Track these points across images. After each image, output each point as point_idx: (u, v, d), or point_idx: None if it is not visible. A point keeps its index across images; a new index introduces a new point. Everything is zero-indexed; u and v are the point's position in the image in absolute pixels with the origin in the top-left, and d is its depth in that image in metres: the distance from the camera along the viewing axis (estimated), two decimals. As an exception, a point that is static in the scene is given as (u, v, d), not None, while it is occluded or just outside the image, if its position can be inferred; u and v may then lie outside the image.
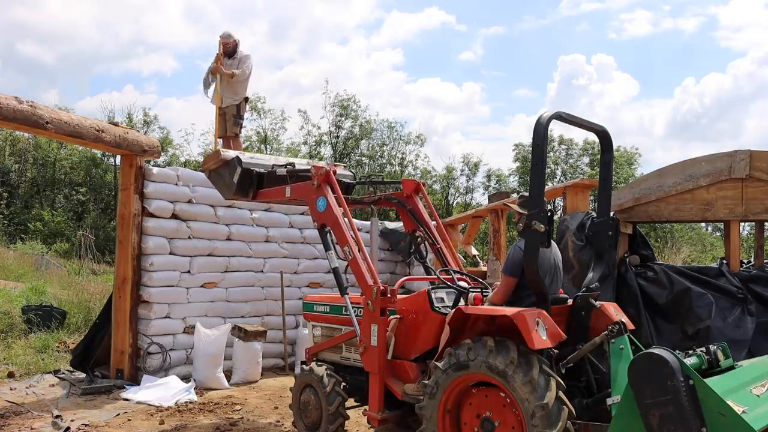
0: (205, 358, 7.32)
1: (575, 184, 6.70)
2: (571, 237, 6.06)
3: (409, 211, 6.18)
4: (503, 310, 4.00)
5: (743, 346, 5.26)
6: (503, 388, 3.84)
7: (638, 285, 5.82)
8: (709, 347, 3.71)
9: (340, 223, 5.15)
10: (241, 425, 5.86)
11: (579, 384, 4.26)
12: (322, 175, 5.31)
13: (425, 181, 6.73)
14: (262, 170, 6.00)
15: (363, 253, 5.05)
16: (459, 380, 4.06)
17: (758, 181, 5.61)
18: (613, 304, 4.60)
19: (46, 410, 6.09)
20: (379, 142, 36.17)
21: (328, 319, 5.69)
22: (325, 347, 5.62)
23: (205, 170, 6.53)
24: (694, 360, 3.52)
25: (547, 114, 4.11)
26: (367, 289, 4.87)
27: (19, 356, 8.33)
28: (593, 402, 4.14)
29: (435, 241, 6.01)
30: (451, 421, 4.18)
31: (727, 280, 5.57)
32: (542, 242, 3.97)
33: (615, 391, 3.64)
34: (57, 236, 27.71)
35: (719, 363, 3.62)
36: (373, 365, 4.82)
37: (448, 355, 4.09)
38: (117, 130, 7.19)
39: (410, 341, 4.81)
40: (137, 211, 7.41)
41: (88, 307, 10.57)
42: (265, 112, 34.87)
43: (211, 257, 8.05)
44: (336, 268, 5.21)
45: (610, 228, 4.52)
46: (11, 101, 5.96)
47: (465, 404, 4.16)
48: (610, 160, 4.66)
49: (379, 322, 4.78)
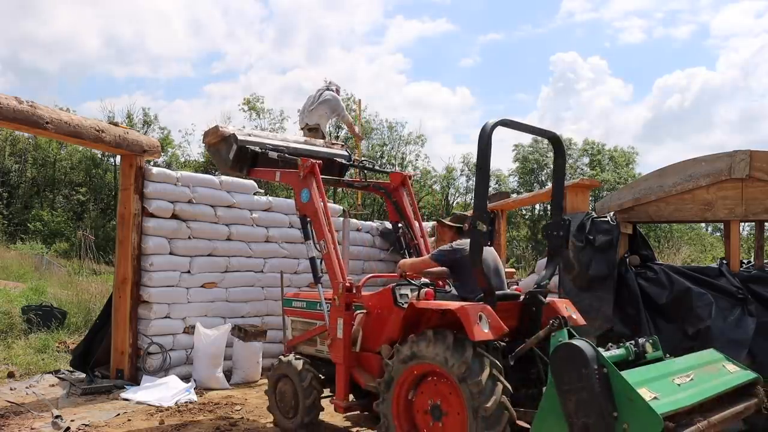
0: (205, 358, 7.32)
1: (575, 184, 6.69)
2: (571, 237, 6.06)
3: (394, 202, 6.53)
4: (449, 304, 4.26)
5: (743, 346, 5.25)
6: (447, 376, 4.12)
7: (638, 285, 5.81)
8: (638, 340, 4.02)
9: (319, 216, 5.41)
10: (241, 425, 5.86)
11: (530, 375, 4.49)
12: (308, 167, 5.54)
13: (410, 172, 6.93)
14: (257, 149, 6.16)
15: (336, 250, 5.31)
16: (409, 370, 4.35)
17: (758, 181, 5.61)
18: (564, 301, 4.89)
19: (46, 410, 6.09)
20: (380, 142, 36.17)
21: (305, 314, 5.97)
22: (301, 340, 5.90)
23: (205, 144, 6.70)
24: (621, 351, 3.83)
25: (492, 121, 4.34)
26: (334, 285, 5.19)
27: (19, 356, 8.33)
28: (538, 391, 4.30)
29: (414, 236, 6.29)
30: (405, 408, 4.45)
31: (727, 280, 5.56)
32: (485, 241, 4.28)
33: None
34: (57, 236, 27.72)
35: (645, 355, 3.94)
36: (339, 356, 5.12)
37: (398, 347, 4.42)
38: (117, 130, 7.19)
39: (376, 335, 5.07)
40: (137, 211, 7.41)
41: (88, 307, 10.57)
42: (264, 112, 34.90)
43: (211, 257, 8.04)
44: (313, 257, 5.56)
45: (561, 229, 4.74)
46: (11, 101, 5.97)
47: (418, 393, 4.43)
48: (562, 164, 4.93)
49: (345, 316, 5.09)
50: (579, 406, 3.34)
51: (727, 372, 4.13)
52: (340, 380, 5.13)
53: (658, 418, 3.11)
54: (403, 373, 4.37)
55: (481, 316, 4.07)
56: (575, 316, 4.71)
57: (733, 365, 4.28)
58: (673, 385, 3.55)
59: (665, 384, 3.53)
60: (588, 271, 5.93)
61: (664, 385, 3.51)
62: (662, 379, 3.57)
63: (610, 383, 3.33)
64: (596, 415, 3.28)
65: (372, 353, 5.07)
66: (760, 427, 5.28)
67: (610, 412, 3.27)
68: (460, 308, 4.07)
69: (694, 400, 3.49)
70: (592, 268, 5.92)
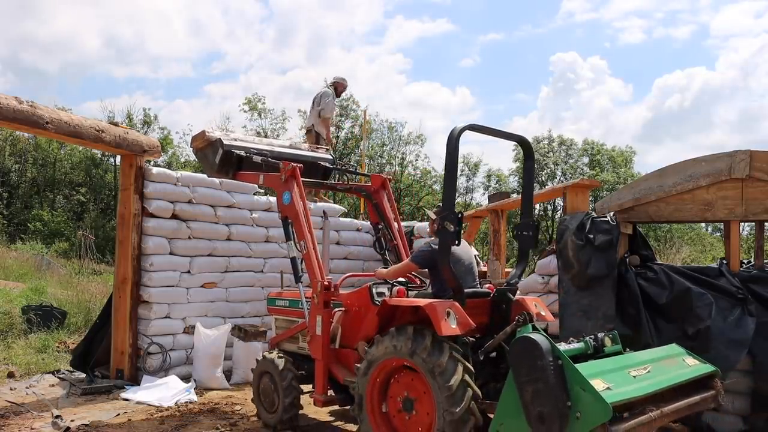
0: (205, 358, 7.32)
1: (575, 184, 6.69)
2: (571, 237, 6.05)
3: (374, 204, 6.75)
4: (419, 301, 4.44)
5: (743, 346, 5.24)
6: (419, 370, 4.28)
7: (638, 285, 5.80)
8: (597, 335, 4.21)
9: (300, 218, 5.61)
10: (241, 425, 5.86)
11: (500, 370, 4.62)
12: (289, 171, 5.75)
13: (390, 175, 7.09)
14: (242, 153, 6.39)
15: (315, 250, 5.51)
16: (383, 364, 4.54)
17: (758, 181, 5.60)
18: (534, 299, 5.14)
19: (46, 410, 6.09)
20: (379, 142, 36.15)
21: (288, 312, 6.17)
22: (284, 337, 6.07)
23: (192, 148, 6.92)
24: (579, 345, 4.04)
25: (460, 126, 4.58)
26: (313, 284, 5.40)
27: (19, 356, 8.33)
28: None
29: (393, 237, 6.53)
30: (379, 401, 4.63)
31: (727, 280, 5.55)
32: (453, 240, 4.45)
33: None
34: (57, 236, 27.68)
35: (604, 349, 4.14)
36: (318, 352, 5.33)
37: (375, 342, 4.61)
38: (117, 130, 7.19)
39: (354, 331, 5.25)
40: (137, 211, 7.41)
41: (88, 307, 10.57)
42: (266, 112, 34.88)
43: (211, 257, 8.05)
44: (294, 257, 5.75)
45: (530, 229, 4.97)
46: (11, 101, 5.97)
47: (392, 386, 4.62)
48: (531, 166, 5.12)
49: (323, 314, 5.30)
50: (535, 396, 3.50)
51: (686, 365, 4.28)
52: (319, 375, 5.33)
53: (608, 406, 3.25)
54: (378, 365, 4.55)
55: (449, 312, 4.25)
56: (544, 312, 4.97)
57: (693, 359, 4.42)
58: (628, 377, 3.71)
59: (621, 376, 3.68)
60: (588, 271, 5.92)
61: (620, 376, 3.66)
62: (618, 371, 3.73)
63: (565, 374, 3.48)
64: (551, 405, 3.43)
65: (351, 350, 5.26)
66: (760, 427, 5.29)
67: (564, 402, 3.42)
68: (428, 305, 4.26)
69: (648, 391, 3.64)
70: (592, 267, 5.92)
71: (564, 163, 39.09)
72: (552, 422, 3.42)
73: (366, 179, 7.03)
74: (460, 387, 4.04)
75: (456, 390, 4.02)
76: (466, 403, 4.01)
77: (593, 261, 5.93)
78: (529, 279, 6.89)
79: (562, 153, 39.27)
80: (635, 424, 3.45)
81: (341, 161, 8.32)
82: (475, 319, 4.51)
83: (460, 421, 3.99)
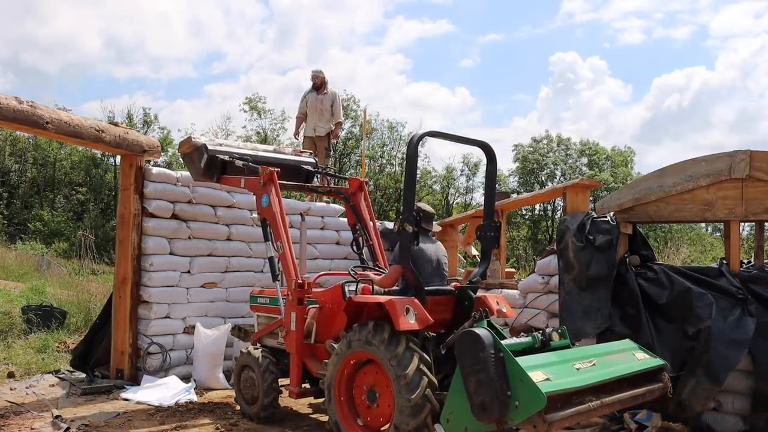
0: (205, 358, 7.32)
1: (575, 184, 6.69)
2: (571, 237, 6.05)
3: (352, 206, 7.00)
4: (380, 298, 4.72)
5: (743, 346, 5.24)
6: (379, 362, 4.56)
7: (638, 285, 5.80)
8: (546, 330, 4.52)
9: (277, 219, 5.85)
10: (241, 425, 5.86)
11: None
12: (267, 174, 6.00)
13: (366, 179, 7.35)
14: (226, 158, 6.65)
15: (291, 250, 5.75)
16: (349, 357, 4.83)
17: (758, 181, 5.60)
18: (496, 296, 5.37)
19: (46, 410, 6.09)
20: (380, 142, 36.14)
21: (268, 309, 6.38)
22: (264, 333, 6.32)
23: (179, 153, 7.13)
24: (527, 339, 4.36)
25: (420, 132, 4.93)
26: (288, 282, 5.65)
27: (19, 356, 8.32)
28: None
29: (369, 238, 6.77)
30: (346, 392, 4.91)
31: (727, 280, 5.55)
32: (411, 241, 4.73)
33: None
34: (57, 236, 27.69)
35: (551, 343, 4.43)
36: (292, 346, 5.62)
37: (341, 337, 4.94)
38: (117, 130, 7.19)
39: (328, 327, 5.51)
40: (137, 211, 7.41)
41: (88, 307, 10.56)
42: (265, 112, 34.88)
43: (211, 257, 8.04)
44: (272, 257, 5.96)
45: (493, 230, 5.25)
46: (11, 101, 5.96)
47: (357, 378, 4.90)
48: (493, 170, 5.38)
49: (297, 310, 5.57)
50: (478, 386, 3.73)
51: (634, 359, 4.46)
52: (294, 369, 5.63)
53: (542, 396, 3.46)
54: (345, 358, 4.84)
55: (408, 308, 4.50)
56: (505, 309, 5.24)
57: (643, 353, 4.60)
58: (571, 369, 3.93)
59: (564, 368, 3.90)
60: (588, 271, 5.93)
61: (562, 368, 3.88)
62: (562, 364, 3.96)
63: (505, 366, 3.71)
64: (492, 394, 3.65)
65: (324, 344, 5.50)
66: (760, 427, 5.29)
67: (504, 391, 3.64)
68: (388, 301, 4.53)
69: (587, 383, 3.84)
70: (592, 268, 5.92)
71: (563, 163, 39.12)
72: (492, 410, 3.65)
73: (344, 182, 7.24)
74: (415, 375, 4.34)
75: (412, 378, 4.33)
76: (422, 390, 4.31)
77: (594, 262, 5.94)
78: (529, 279, 6.89)
79: (561, 153, 39.30)
80: (573, 413, 3.67)
81: (322, 167, 8.36)
82: (438, 315, 4.80)
83: (416, 406, 4.30)
